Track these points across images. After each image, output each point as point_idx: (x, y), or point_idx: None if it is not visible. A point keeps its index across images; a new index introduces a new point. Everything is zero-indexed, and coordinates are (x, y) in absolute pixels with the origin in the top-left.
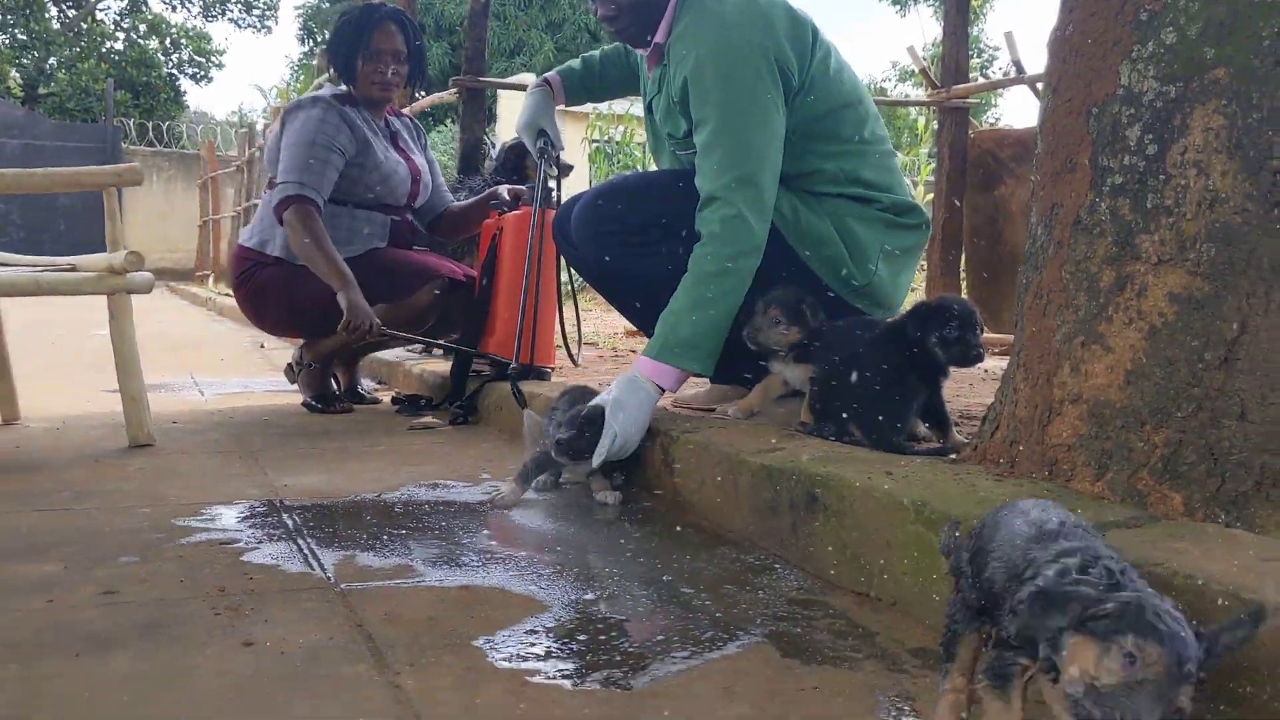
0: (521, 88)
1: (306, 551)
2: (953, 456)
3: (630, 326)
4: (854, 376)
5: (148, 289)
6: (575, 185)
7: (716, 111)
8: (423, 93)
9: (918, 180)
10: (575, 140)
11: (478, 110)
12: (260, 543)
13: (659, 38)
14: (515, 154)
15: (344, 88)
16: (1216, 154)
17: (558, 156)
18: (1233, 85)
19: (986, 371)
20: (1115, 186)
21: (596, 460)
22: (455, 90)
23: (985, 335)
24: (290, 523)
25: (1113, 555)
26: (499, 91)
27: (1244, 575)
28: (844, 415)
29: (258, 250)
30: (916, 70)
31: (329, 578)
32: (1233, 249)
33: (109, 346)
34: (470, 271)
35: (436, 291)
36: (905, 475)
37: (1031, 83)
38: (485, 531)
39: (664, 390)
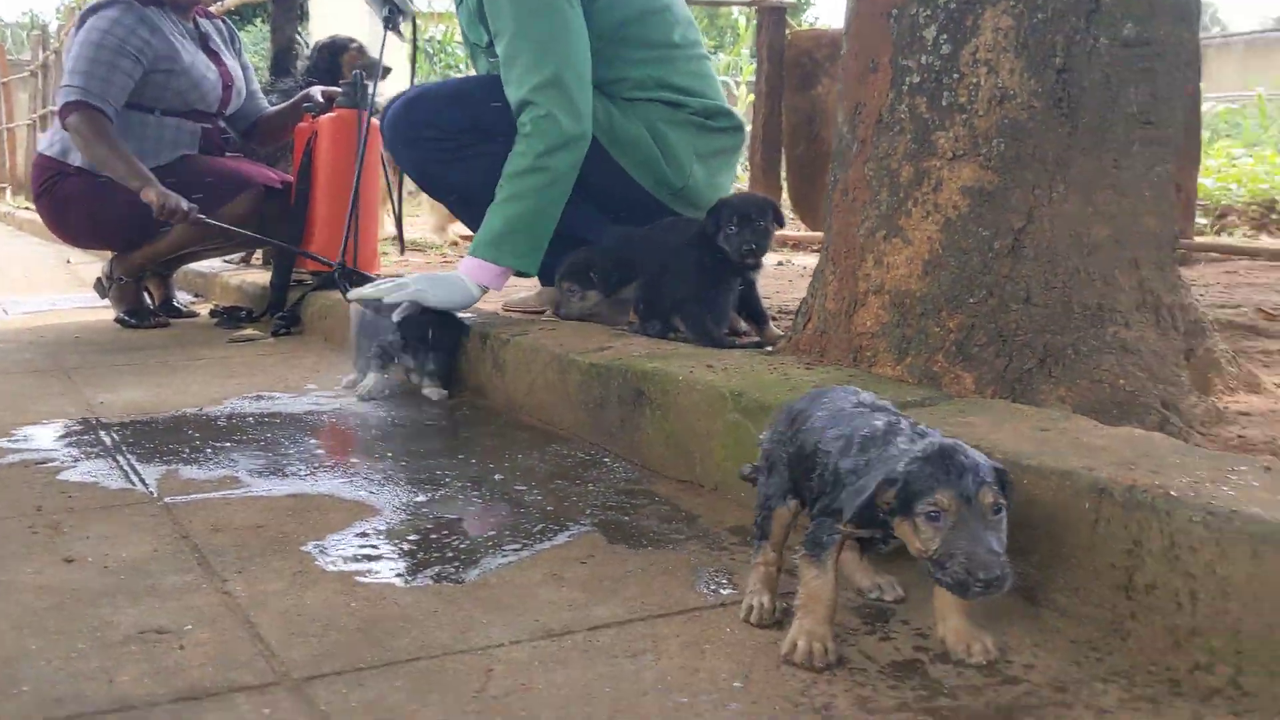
0: None
1: (126, 468)
2: (769, 349)
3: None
4: (672, 276)
5: None
6: (395, 89)
7: (510, 20)
8: None
9: (740, 80)
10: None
11: (289, 9)
12: (77, 461)
13: None
14: (328, 53)
15: None
16: (1005, 53)
17: (406, 21)
18: None
19: (806, 269)
20: (914, 85)
21: (381, 295)
22: None
23: (803, 233)
24: (109, 440)
25: (914, 422)
26: None
27: (1022, 443)
28: (668, 313)
29: (59, 159)
30: None
31: (151, 492)
32: (1020, 144)
33: None
34: (287, 178)
35: (252, 199)
36: (725, 368)
37: None
38: (314, 441)
39: (486, 289)
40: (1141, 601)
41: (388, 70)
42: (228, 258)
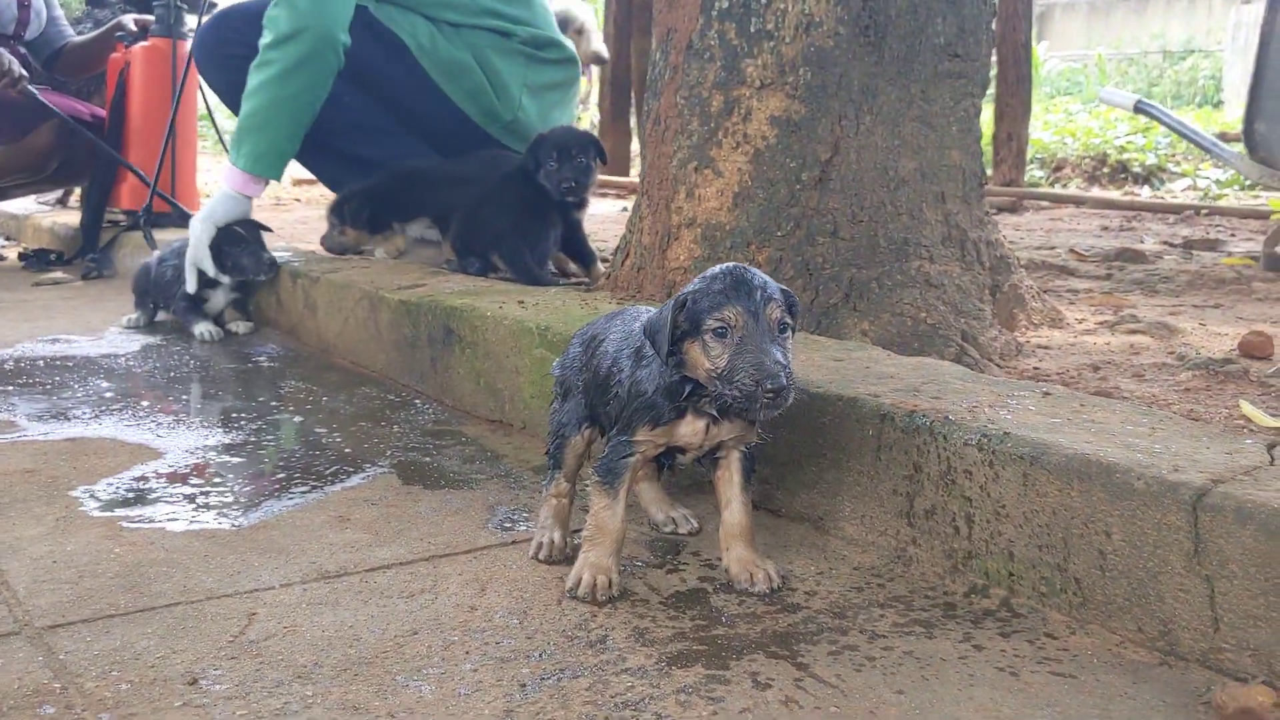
0: None
1: None
2: (588, 286)
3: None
4: (491, 212)
5: None
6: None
7: None
8: None
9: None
10: None
11: None
12: None
13: None
14: None
15: None
16: None
17: None
18: None
19: None
20: (723, 11)
21: (188, 279)
22: None
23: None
24: None
25: None
26: None
27: (814, 372)
28: (486, 250)
29: None
30: None
31: None
32: (826, 73)
33: None
34: (99, 111)
35: (55, 130)
36: (536, 304)
37: None
38: (105, 384)
39: (244, 195)
40: (921, 527)
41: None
42: (42, 198)
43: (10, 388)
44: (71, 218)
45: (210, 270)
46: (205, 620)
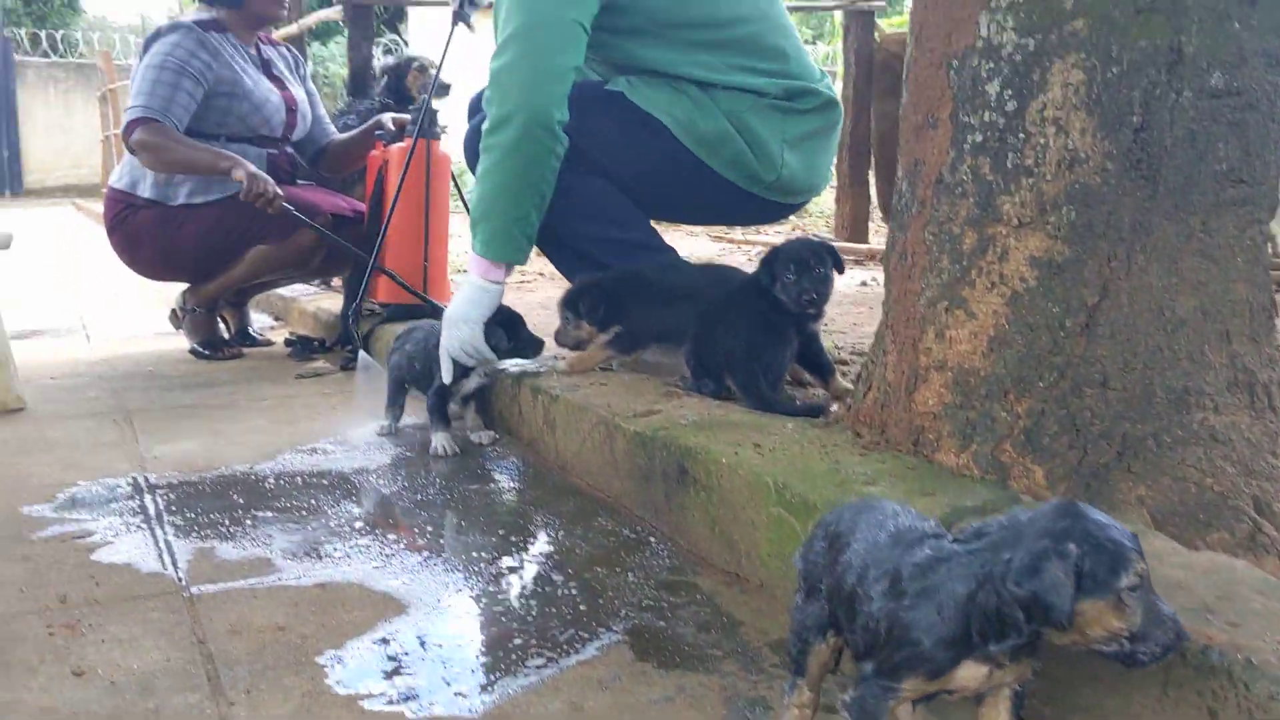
0: (414, 1)
1: (162, 545)
2: (827, 418)
3: None
4: (723, 329)
5: (5, 245)
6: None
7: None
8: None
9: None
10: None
11: (365, 28)
12: (116, 535)
13: None
14: (395, 74)
15: (212, 13)
16: (1076, 111)
17: (468, 17)
18: (1092, 37)
19: None
20: (976, 144)
21: (444, 368)
22: (340, 8)
23: None
24: (152, 506)
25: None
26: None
27: None
28: (719, 370)
29: (128, 192)
30: None
31: (180, 579)
32: (1093, 211)
33: None
34: (359, 206)
35: (322, 227)
36: (773, 448)
37: None
38: (355, 509)
39: (490, 282)
40: None
41: (447, 87)
42: (311, 282)
43: (269, 513)
44: (334, 303)
45: (470, 357)
46: None
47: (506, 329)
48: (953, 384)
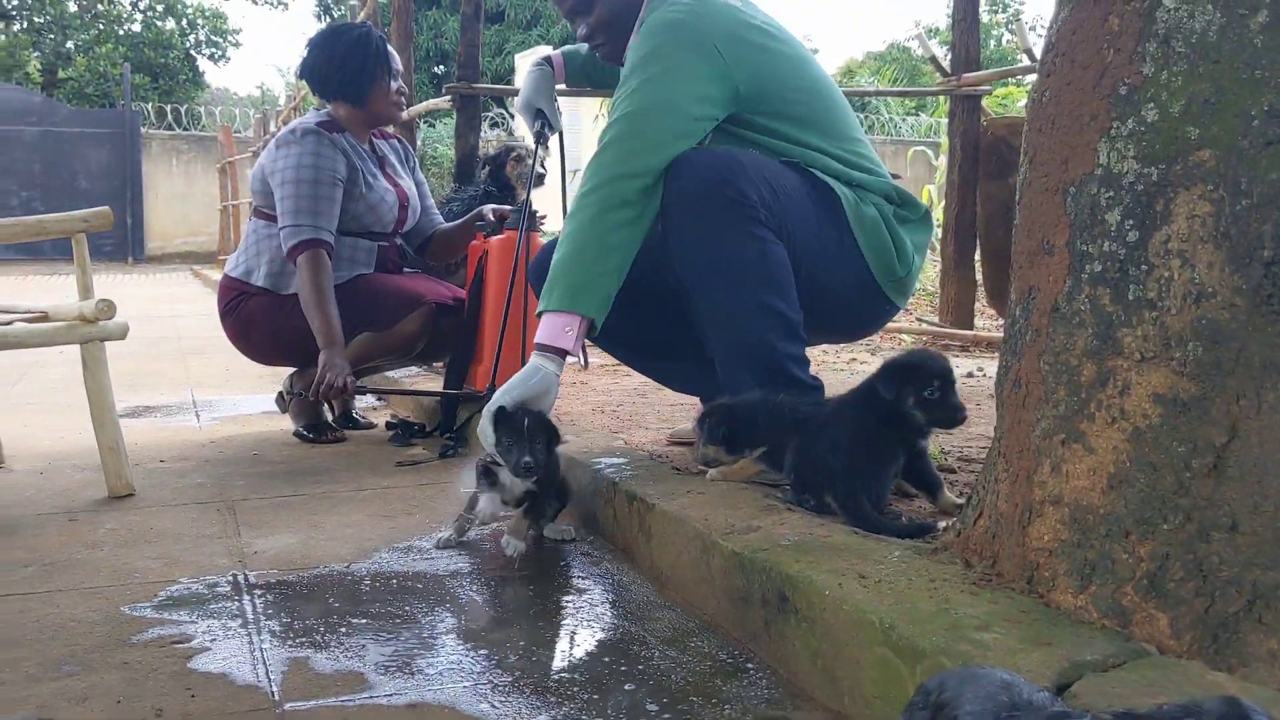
0: (514, 92)
1: (258, 654)
2: (935, 538)
3: None
4: (825, 443)
5: (122, 335)
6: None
7: (635, 61)
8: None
9: (940, 145)
10: (588, 116)
11: (472, 117)
12: (214, 640)
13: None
14: (495, 164)
15: (327, 114)
16: (1202, 243)
17: (554, 135)
18: (1219, 168)
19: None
20: (1094, 275)
21: (484, 439)
22: (449, 97)
23: (998, 334)
24: (250, 610)
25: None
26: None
27: None
28: (822, 488)
29: (243, 280)
30: (926, 57)
31: (274, 694)
32: (1220, 348)
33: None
34: (459, 294)
35: (424, 316)
36: (879, 580)
37: None
38: (450, 619)
39: (561, 353)
40: None
41: (541, 177)
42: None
43: (364, 619)
44: (435, 386)
45: (487, 447)
46: None
47: (548, 440)
48: (1069, 521)
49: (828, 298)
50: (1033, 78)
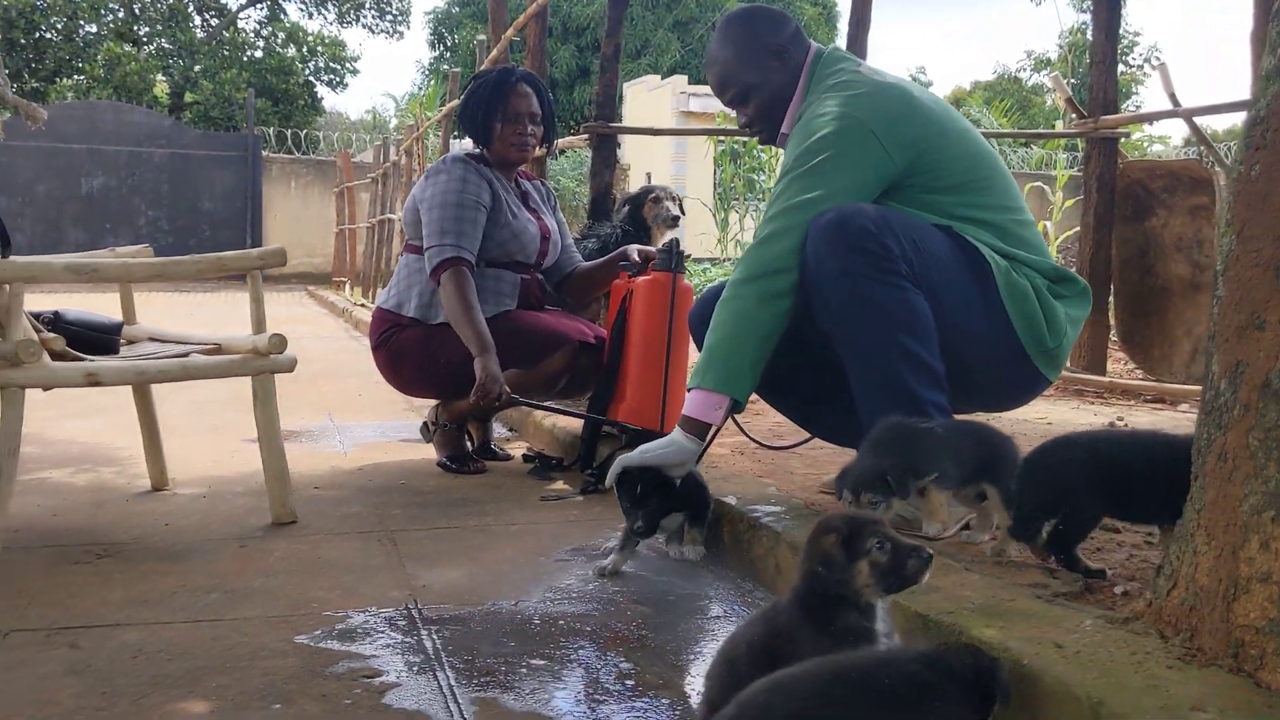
0: (649, 131)
1: (447, 692)
2: (1124, 612)
3: None
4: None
5: (291, 368)
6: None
7: (794, 155)
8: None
9: (1055, 175)
10: (700, 146)
11: (608, 155)
12: (402, 676)
13: (785, 128)
14: (635, 204)
15: (477, 149)
16: None
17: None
18: None
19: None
20: None
21: (611, 472)
22: (586, 136)
23: (1133, 381)
24: (430, 645)
25: None
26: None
27: None
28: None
29: (394, 312)
30: (1061, 102)
31: None
32: None
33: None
34: (600, 333)
35: (568, 355)
36: (1077, 651)
37: (1187, 116)
38: (622, 662)
39: (704, 429)
40: None
41: (676, 219)
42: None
43: (541, 660)
44: (571, 422)
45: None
46: None
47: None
48: (1279, 599)
49: (971, 360)
50: (1171, 122)
